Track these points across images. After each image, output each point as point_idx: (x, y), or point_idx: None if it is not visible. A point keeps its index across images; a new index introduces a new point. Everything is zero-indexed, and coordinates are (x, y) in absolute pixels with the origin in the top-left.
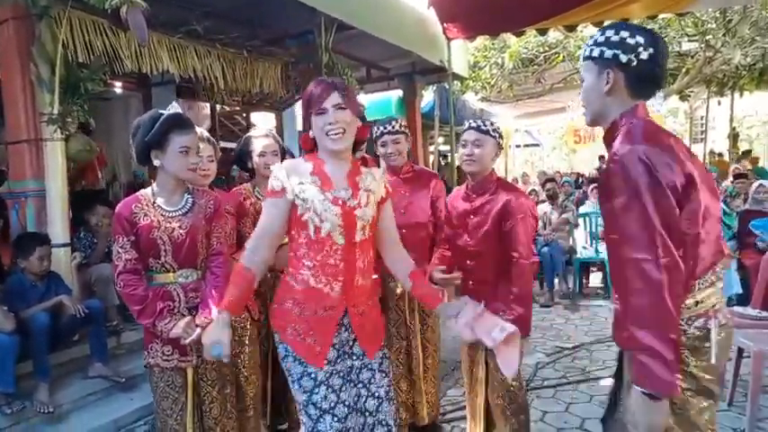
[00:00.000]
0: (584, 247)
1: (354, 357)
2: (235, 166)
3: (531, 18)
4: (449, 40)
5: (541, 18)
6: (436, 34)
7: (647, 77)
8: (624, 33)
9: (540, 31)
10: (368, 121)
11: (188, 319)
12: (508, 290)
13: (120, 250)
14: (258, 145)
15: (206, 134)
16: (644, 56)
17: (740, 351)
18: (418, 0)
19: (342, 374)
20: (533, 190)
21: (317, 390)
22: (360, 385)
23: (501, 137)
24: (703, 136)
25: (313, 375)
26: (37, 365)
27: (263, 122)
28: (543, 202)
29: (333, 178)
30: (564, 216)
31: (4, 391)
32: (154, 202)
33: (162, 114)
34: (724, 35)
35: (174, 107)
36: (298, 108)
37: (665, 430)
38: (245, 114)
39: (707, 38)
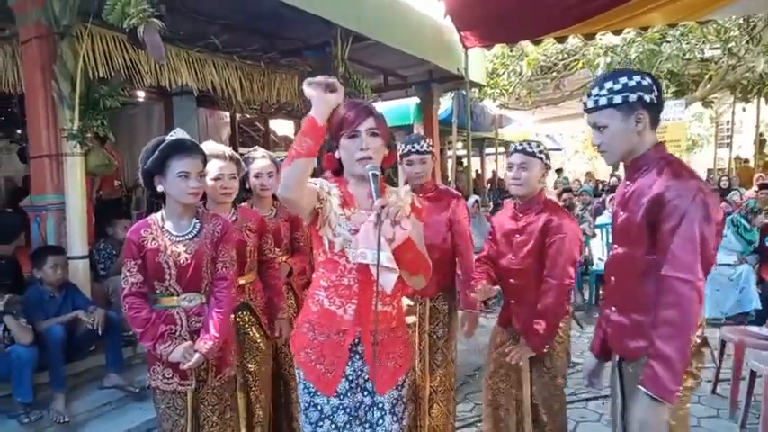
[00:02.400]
0: (601, 259)
1: (366, 393)
2: None
3: (550, 27)
4: (466, 48)
5: (560, 27)
6: (453, 43)
7: (660, 111)
8: (636, 77)
9: (558, 39)
10: (394, 148)
11: (187, 343)
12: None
13: (127, 273)
14: (255, 166)
15: (228, 152)
16: (656, 93)
17: (753, 373)
18: (435, 9)
19: (348, 410)
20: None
21: (321, 423)
22: (366, 425)
23: (548, 157)
24: (729, 141)
25: (319, 407)
26: (53, 377)
27: (282, 130)
28: None
29: (356, 198)
30: (582, 226)
31: (23, 402)
32: (162, 227)
33: (164, 141)
34: (747, 42)
35: (179, 132)
36: None
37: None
38: (264, 122)
39: (729, 45)
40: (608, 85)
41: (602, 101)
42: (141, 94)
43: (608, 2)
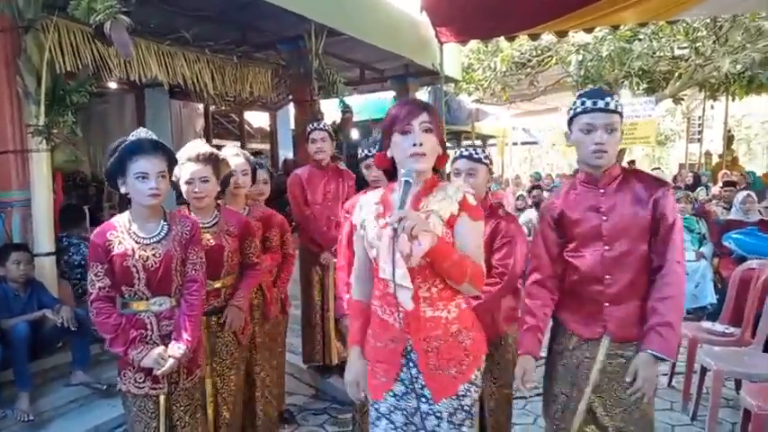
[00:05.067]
0: None
1: (423, 400)
2: None
3: (523, 24)
4: (441, 43)
5: (533, 24)
6: (429, 38)
7: None
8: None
9: (531, 36)
10: (446, 151)
11: (160, 349)
12: None
13: (93, 278)
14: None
15: (203, 152)
16: None
17: (703, 369)
18: (411, 4)
19: (406, 413)
20: (521, 195)
21: (378, 422)
22: (422, 431)
23: (491, 162)
24: (700, 136)
25: (376, 406)
26: (17, 375)
27: (257, 122)
28: (530, 207)
29: (395, 203)
30: None
31: None
32: (129, 229)
33: (124, 141)
34: (714, 42)
35: (141, 132)
36: (291, 107)
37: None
38: (239, 113)
39: (697, 45)
40: (616, 98)
41: (619, 108)
42: (113, 86)
43: (580, 0)
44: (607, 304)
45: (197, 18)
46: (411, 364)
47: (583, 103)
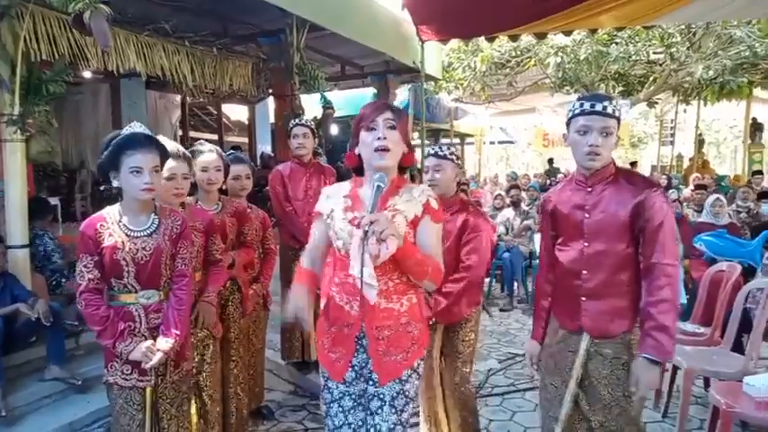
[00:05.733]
0: None
1: (371, 383)
2: None
3: (503, 25)
4: (422, 42)
5: (513, 25)
6: (410, 36)
7: None
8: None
9: (511, 37)
10: (413, 150)
11: (149, 343)
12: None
13: (83, 269)
14: (202, 160)
15: (182, 150)
16: None
17: (674, 367)
18: (393, 1)
19: (354, 396)
20: (499, 194)
21: (331, 405)
22: (367, 412)
23: (458, 158)
24: (672, 139)
25: (330, 390)
26: None
27: (235, 115)
28: (508, 206)
29: (364, 200)
30: (525, 222)
31: None
32: (119, 222)
33: (119, 134)
34: (688, 48)
35: (135, 126)
36: (270, 101)
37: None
38: (217, 106)
39: (671, 51)
40: (614, 103)
41: (617, 113)
42: (87, 75)
43: (560, 3)
44: (584, 299)
45: (177, 9)
46: (362, 350)
47: (581, 106)
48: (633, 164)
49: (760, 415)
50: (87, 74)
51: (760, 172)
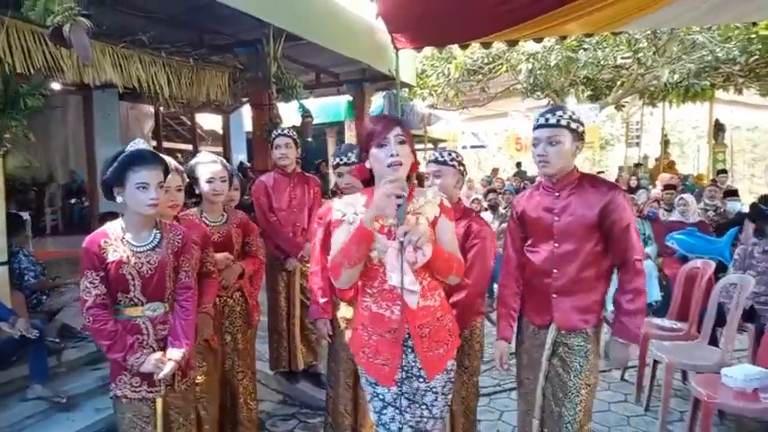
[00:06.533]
0: None
1: (421, 380)
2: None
3: (476, 32)
4: (397, 49)
5: (485, 33)
6: (385, 44)
7: None
8: (576, 114)
9: (484, 44)
10: (417, 159)
11: (159, 354)
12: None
13: (89, 285)
14: (206, 171)
15: (174, 164)
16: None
17: (655, 362)
18: (367, 10)
19: (408, 396)
20: (476, 198)
21: (384, 411)
22: (423, 407)
23: (461, 164)
24: (638, 141)
25: (381, 396)
26: None
27: (209, 124)
28: (486, 210)
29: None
30: (503, 226)
31: None
32: (123, 238)
33: (123, 151)
34: (654, 53)
35: (139, 143)
36: (245, 110)
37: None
38: (190, 116)
39: (638, 56)
40: (568, 113)
41: (564, 122)
42: (56, 87)
43: (530, 12)
44: (554, 296)
45: (153, 20)
46: (409, 350)
47: (536, 121)
48: (600, 172)
49: (739, 404)
50: (56, 86)
51: (724, 171)
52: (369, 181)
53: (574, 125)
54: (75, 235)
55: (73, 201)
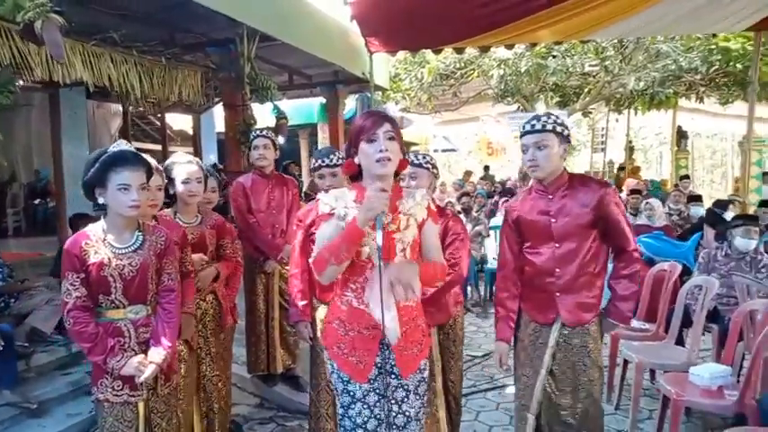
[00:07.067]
0: (495, 258)
1: (393, 376)
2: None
3: (449, 38)
4: (371, 53)
5: (458, 39)
6: (359, 47)
7: None
8: (562, 119)
9: (456, 49)
10: (406, 157)
11: (141, 357)
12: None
13: (69, 287)
14: (182, 171)
15: (154, 163)
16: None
17: (625, 362)
18: (342, 13)
19: (378, 391)
20: (449, 201)
21: (353, 406)
22: (393, 402)
23: (435, 167)
24: (603, 146)
25: (351, 393)
26: None
27: (179, 125)
28: (459, 213)
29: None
30: (476, 228)
31: None
32: (104, 239)
33: (105, 152)
34: (621, 61)
35: (121, 144)
36: (216, 110)
37: None
38: (160, 115)
39: (605, 63)
40: (553, 117)
41: (549, 126)
42: (20, 83)
43: (502, 19)
44: (558, 294)
45: (125, 18)
46: (385, 348)
47: (522, 128)
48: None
49: (705, 401)
50: (20, 82)
51: (687, 176)
52: (356, 176)
53: (559, 129)
54: (40, 237)
55: (37, 201)
